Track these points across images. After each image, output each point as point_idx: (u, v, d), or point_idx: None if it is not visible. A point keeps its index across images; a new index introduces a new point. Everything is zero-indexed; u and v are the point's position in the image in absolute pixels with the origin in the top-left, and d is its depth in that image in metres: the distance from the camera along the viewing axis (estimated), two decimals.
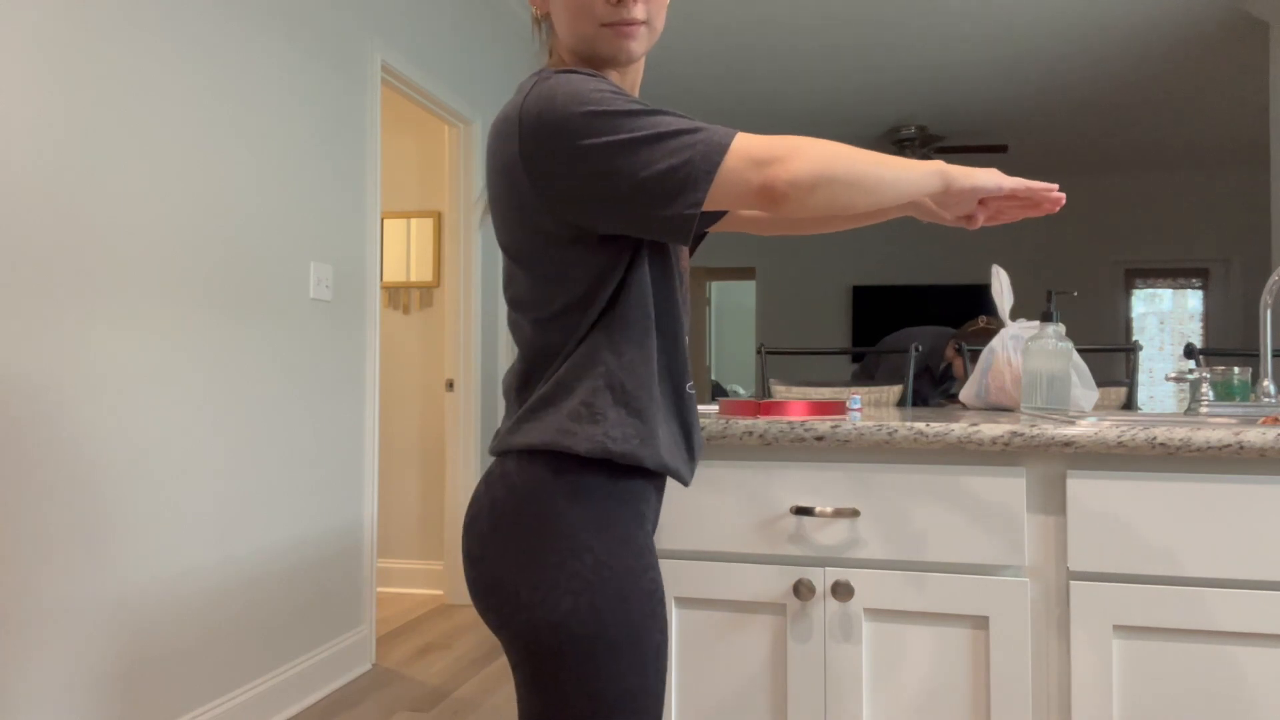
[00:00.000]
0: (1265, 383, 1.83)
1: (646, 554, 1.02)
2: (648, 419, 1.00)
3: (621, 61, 1.09)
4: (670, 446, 1.04)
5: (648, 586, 1.01)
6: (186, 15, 2.38)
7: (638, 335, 1.01)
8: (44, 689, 1.96)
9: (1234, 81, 5.55)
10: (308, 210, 2.89)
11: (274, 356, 2.73)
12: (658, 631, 1.01)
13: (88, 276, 2.08)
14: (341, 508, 3.09)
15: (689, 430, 1.07)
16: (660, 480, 1.07)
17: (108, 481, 2.13)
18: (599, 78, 1.01)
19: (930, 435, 1.30)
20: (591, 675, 0.97)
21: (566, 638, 0.96)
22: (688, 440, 1.07)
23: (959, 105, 6.09)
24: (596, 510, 0.99)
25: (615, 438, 0.98)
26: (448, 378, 4.13)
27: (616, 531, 1.00)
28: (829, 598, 1.34)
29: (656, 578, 1.03)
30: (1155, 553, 1.24)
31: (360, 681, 3.10)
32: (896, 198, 1.02)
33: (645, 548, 1.02)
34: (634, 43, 1.07)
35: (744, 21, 4.74)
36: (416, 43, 3.60)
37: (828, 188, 0.96)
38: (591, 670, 0.97)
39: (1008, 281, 1.92)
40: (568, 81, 0.98)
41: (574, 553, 0.98)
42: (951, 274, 8.17)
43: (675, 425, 1.06)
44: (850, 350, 3.39)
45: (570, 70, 1.01)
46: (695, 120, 1.00)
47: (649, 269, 1.04)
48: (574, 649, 0.96)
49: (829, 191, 0.96)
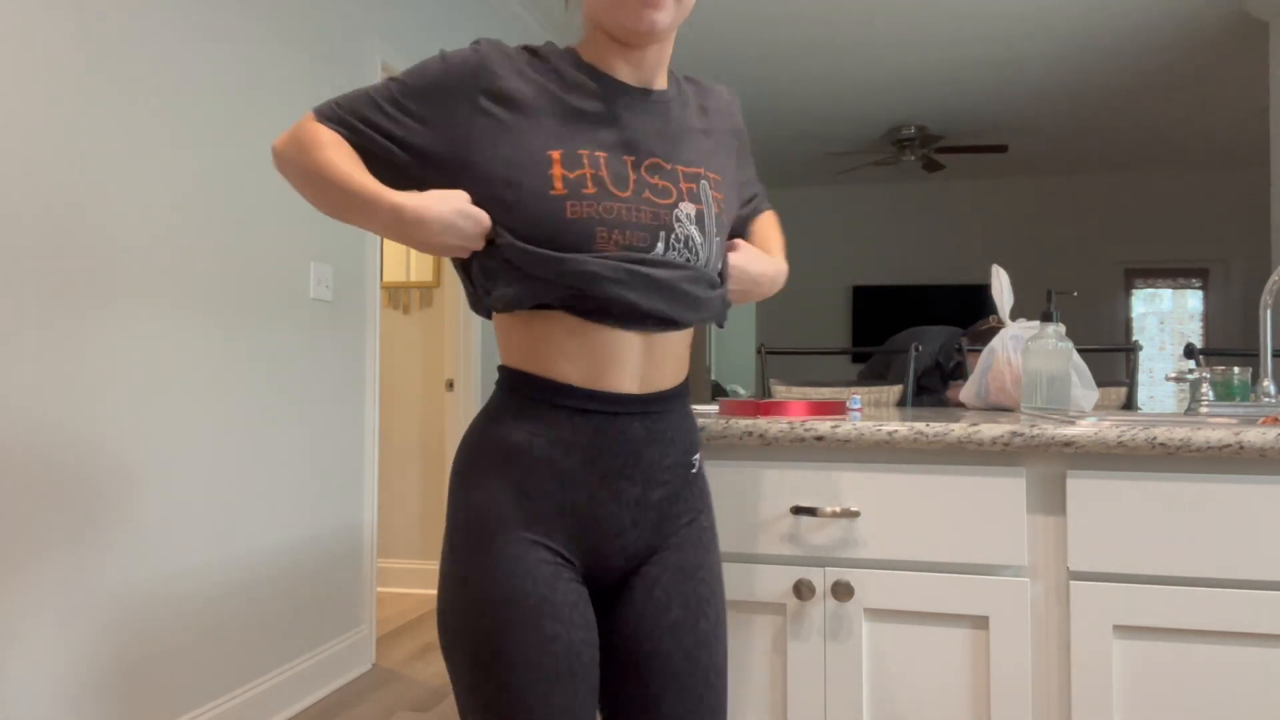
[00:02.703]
0: (1265, 383, 1.83)
1: None
2: None
3: (644, 33, 1.03)
4: None
5: None
6: (186, 15, 2.38)
7: None
8: (44, 689, 1.96)
9: (1234, 81, 5.55)
10: (308, 210, 2.89)
11: (274, 356, 2.72)
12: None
13: (87, 277, 2.08)
14: (341, 508, 3.09)
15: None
16: None
17: (107, 481, 2.12)
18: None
19: (930, 435, 1.30)
20: None
21: None
22: None
23: (959, 105, 6.09)
24: None
25: None
26: (448, 378, 4.13)
27: None
28: (829, 598, 1.34)
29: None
30: (1155, 553, 1.24)
31: (360, 681, 3.10)
32: (347, 212, 1.03)
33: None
34: (659, 13, 1.02)
35: (743, 21, 4.74)
36: (416, 42, 3.60)
37: (286, 169, 1.07)
38: None
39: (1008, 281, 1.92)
40: None
41: None
42: (951, 274, 8.17)
43: None
44: (850, 350, 3.39)
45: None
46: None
47: None
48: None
49: (287, 173, 1.07)
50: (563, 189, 1.00)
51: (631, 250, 1.01)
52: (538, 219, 0.99)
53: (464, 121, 1.03)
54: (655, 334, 1.05)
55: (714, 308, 1.09)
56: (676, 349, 1.10)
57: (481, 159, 1.02)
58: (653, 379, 1.07)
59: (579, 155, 1.02)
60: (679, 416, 1.11)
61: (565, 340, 1.02)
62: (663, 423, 1.08)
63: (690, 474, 1.12)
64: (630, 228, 1.01)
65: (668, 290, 1.02)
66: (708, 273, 1.07)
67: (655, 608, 1.07)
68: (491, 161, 1.02)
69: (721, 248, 1.11)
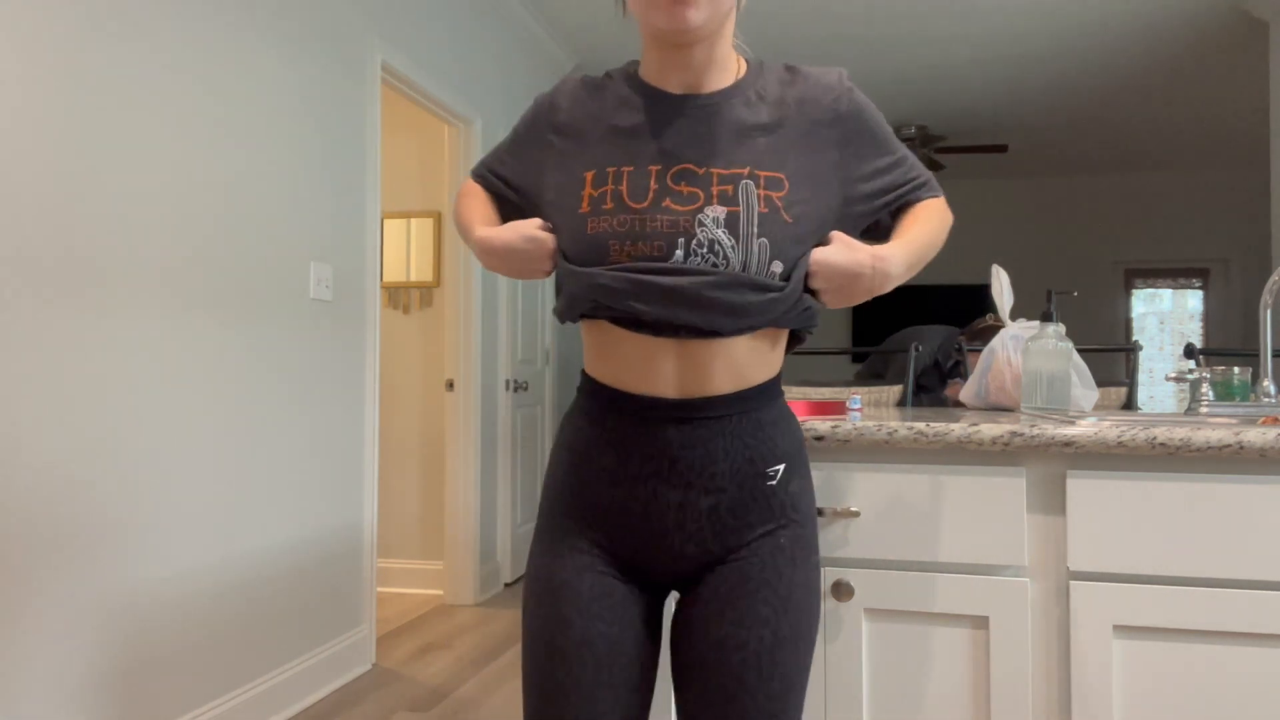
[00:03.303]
0: (1265, 383, 1.83)
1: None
2: None
3: (679, 32, 1.03)
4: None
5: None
6: (186, 15, 2.38)
7: None
8: (44, 689, 1.96)
9: (1234, 81, 5.55)
10: (308, 210, 2.89)
11: (274, 357, 2.72)
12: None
13: (87, 277, 2.08)
14: (341, 508, 3.09)
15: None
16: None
17: (107, 481, 2.12)
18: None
19: (930, 435, 1.30)
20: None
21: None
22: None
23: (959, 105, 6.09)
24: None
25: None
26: (448, 378, 4.13)
27: None
28: (829, 598, 1.34)
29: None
30: (1155, 553, 1.24)
31: (360, 681, 3.10)
32: (469, 245, 1.20)
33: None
34: (691, 10, 1.01)
35: (743, 21, 4.74)
36: (416, 43, 3.60)
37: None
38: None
39: (1008, 281, 1.92)
40: None
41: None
42: (951, 274, 8.17)
43: None
44: (850, 350, 3.39)
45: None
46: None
47: None
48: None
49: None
50: (587, 207, 1.07)
51: (645, 260, 1.03)
52: (571, 237, 1.08)
53: (538, 157, 1.17)
54: (691, 340, 1.05)
55: (769, 311, 1.04)
56: (726, 356, 1.05)
57: (544, 187, 1.14)
58: (692, 385, 1.05)
59: (607, 173, 1.08)
60: (741, 423, 1.06)
61: (608, 346, 1.09)
62: (708, 429, 1.05)
63: (766, 485, 1.07)
64: (645, 238, 1.03)
65: (685, 297, 1.02)
66: (746, 276, 1.02)
67: (702, 619, 1.06)
68: (548, 188, 1.13)
69: (771, 249, 1.03)
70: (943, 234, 1.17)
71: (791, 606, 1.06)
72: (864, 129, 1.13)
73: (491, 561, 4.33)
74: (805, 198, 1.06)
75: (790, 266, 1.04)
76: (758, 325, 1.05)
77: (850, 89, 1.13)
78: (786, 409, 1.13)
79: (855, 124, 1.12)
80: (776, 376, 1.12)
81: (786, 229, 1.04)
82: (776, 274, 1.04)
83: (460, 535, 4.12)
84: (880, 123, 1.15)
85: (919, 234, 1.13)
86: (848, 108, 1.12)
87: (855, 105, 1.12)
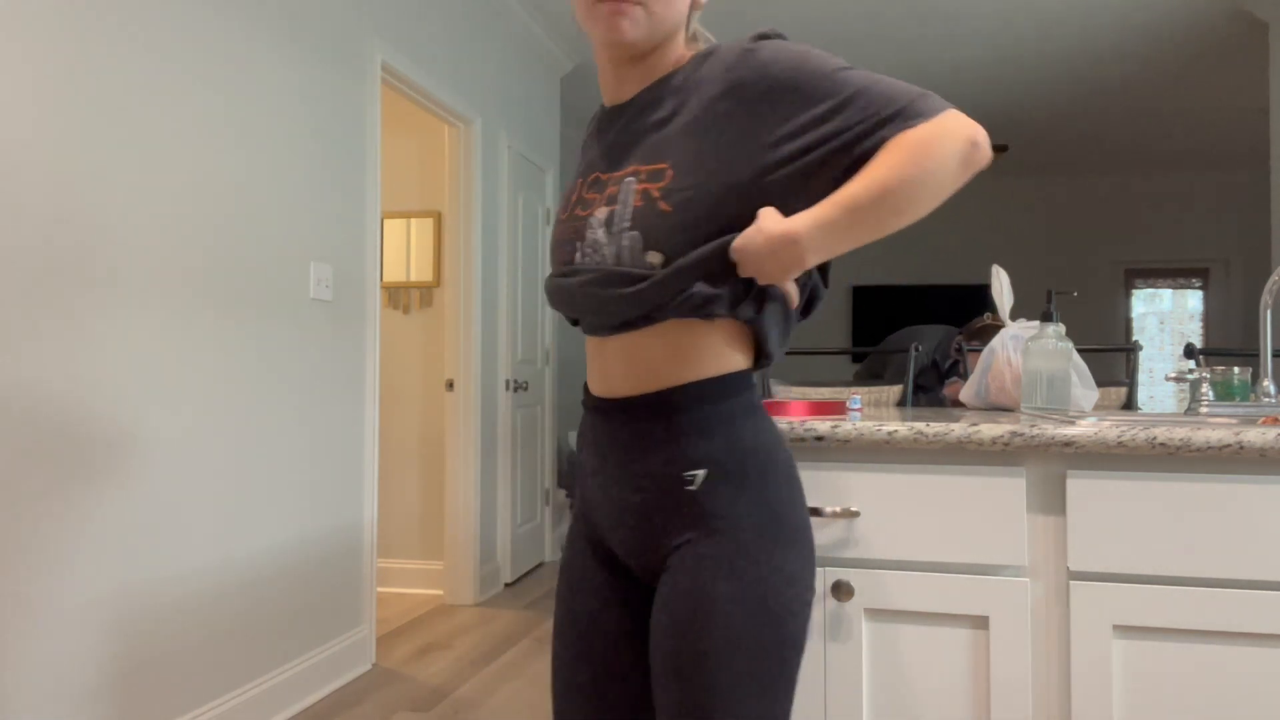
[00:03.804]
0: (1265, 383, 1.83)
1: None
2: None
3: (614, 44, 1.05)
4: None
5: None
6: (186, 15, 2.38)
7: None
8: (44, 689, 1.96)
9: (1234, 81, 5.55)
10: (308, 210, 2.90)
11: (274, 357, 2.72)
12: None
13: (86, 277, 2.08)
14: (341, 508, 3.09)
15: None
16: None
17: (107, 481, 2.12)
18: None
19: (930, 435, 1.30)
20: None
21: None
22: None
23: (959, 105, 6.09)
24: None
25: None
26: (448, 378, 4.13)
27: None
28: (829, 598, 1.34)
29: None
30: (1155, 553, 1.24)
31: (360, 681, 3.10)
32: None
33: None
34: (627, 22, 1.01)
35: (743, 22, 4.75)
36: (416, 43, 3.60)
37: None
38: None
39: (1008, 281, 1.92)
40: None
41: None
42: (951, 274, 8.17)
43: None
44: (850, 350, 3.39)
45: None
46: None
47: None
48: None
49: None
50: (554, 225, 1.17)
51: (559, 265, 1.12)
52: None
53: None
54: (608, 339, 1.09)
55: (641, 302, 1.01)
56: (638, 354, 1.05)
57: None
58: (612, 384, 1.09)
59: (568, 190, 1.17)
60: (663, 424, 1.04)
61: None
62: (633, 428, 1.05)
63: (682, 489, 1.03)
64: (560, 246, 1.12)
65: (575, 297, 1.08)
66: (616, 270, 1.02)
67: (654, 620, 1.05)
68: None
69: (645, 240, 1.01)
70: (912, 167, 0.95)
71: (718, 619, 0.98)
72: (775, 86, 0.99)
73: (491, 561, 4.33)
74: (690, 183, 1.01)
75: (673, 255, 1.00)
76: (632, 316, 1.03)
77: (749, 51, 1.02)
78: (734, 411, 1.04)
79: (762, 85, 1.00)
80: (719, 377, 1.05)
81: (663, 219, 1.00)
82: (655, 265, 1.00)
83: (460, 535, 4.12)
84: (804, 71, 0.99)
85: (853, 190, 0.97)
86: (747, 72, 1.00)
87: (756, 65, 1.00)
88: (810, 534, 1.07)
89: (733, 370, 1.06)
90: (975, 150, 0.98)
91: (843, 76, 1.00)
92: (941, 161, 0.96)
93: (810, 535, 1.07)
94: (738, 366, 1.06)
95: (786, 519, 1.03)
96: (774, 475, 1.04)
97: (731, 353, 1.06)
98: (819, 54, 1.01)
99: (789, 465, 1.07)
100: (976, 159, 0.99)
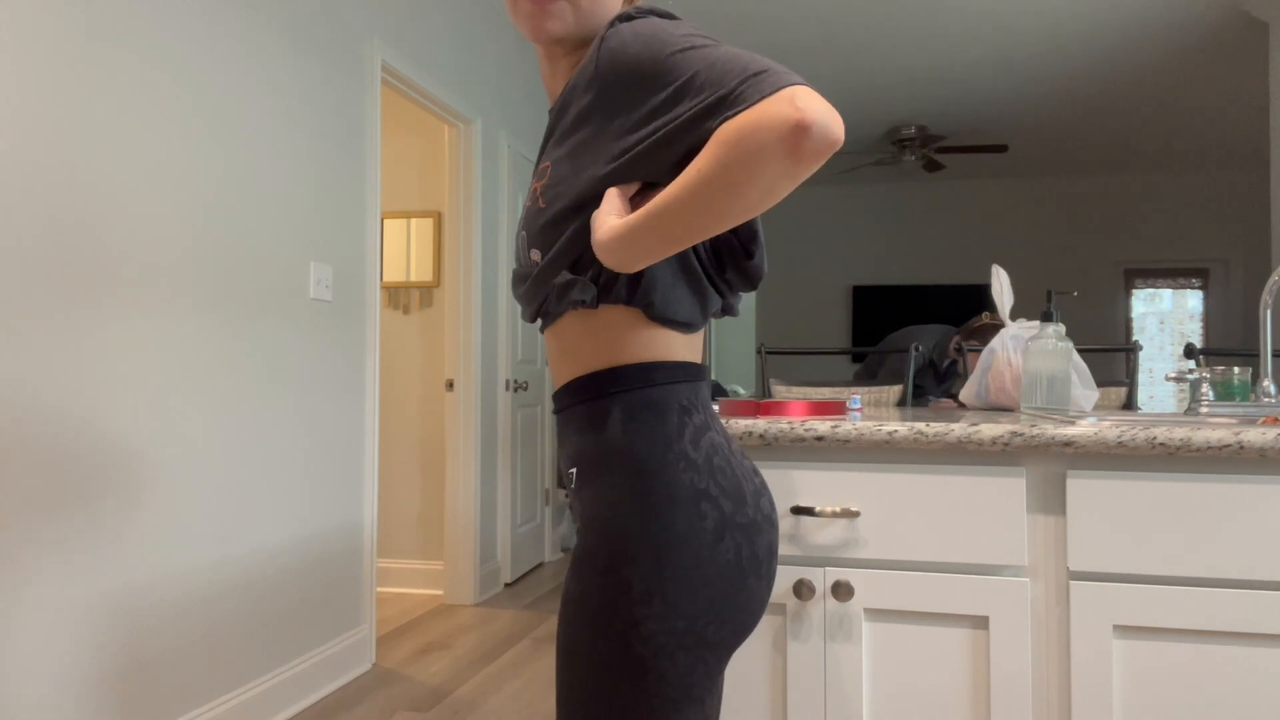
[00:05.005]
0: (1265, 383, 1.83)
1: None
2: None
3: (539, 42, 1.04)
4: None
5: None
6: (186, 14, 2.38)
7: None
8: (44, 688, 1.96)
9: (1234, 81, 5.55)
10: (308, 210, 2.90)
11: (274, 357, 2.72)
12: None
13: (86, 277, 2.08)
14: (341, 508, 3.09)
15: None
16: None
17: (107, 481, 2.12)
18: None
19: (930, 435, 1.30)
20: None
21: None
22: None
23: (959, 105, 6.09)
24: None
25: None
26: (448, 378, 4.13)
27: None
28: (829, 598, 1.34)
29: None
30: (1155, 553, 1.24)
31: (360, 681, 3.10)
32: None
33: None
34: (551, 21, 1.01)
35: (743, 22, 4.75)
36: (416, 43, 3.60)
37: None
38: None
39: (1008, 281, 1.92)
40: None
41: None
42: (951, 274, 8.17)
43: None
44: (850, 350, 3.39)
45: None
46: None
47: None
48: None
49: None
50: None
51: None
52: None
53: None
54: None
55: (532, 297, 1.03)
56: (560, 346, 1.04)
57: None
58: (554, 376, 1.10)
59: None
60: (569, 418, 1.03)
61: None
62: (560, 422, 1.07)
63: (571, 486, 1.03)
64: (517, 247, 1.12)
65: (513, 293, 1.09)
66: (516, 270, 1.06)
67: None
68: None
69: (529, 238, 1.02)
70: (716, 166, 0.84)
71: (563, 618, 0.97)
72: (621, 74, 0.93)
73: (491, 561, 4.33)
74: (561, 177, 0.98)
75: (547, 251, 0.99)
76: (528, 313, 1.07)
77: (603, 40, 0.95)
78: (612, 408, 0.98)
79: (612, 75, 0.94)
80: (598, 372, 0.99)
81: (540, 215, 0.99)
82: (537, 262, 1.01)
83: (460, 535, 4.12)
84: (645, 56, 0.92)
85: (668, 191, 0.88)
86: (602, 62, 0.95)
87: (607, 54, 0.94)
88: (708, 564, 0.93)
89: (625, 363, 0.98)
90: (800, 137, 0.81)
91: (678, 60, 0.90)
92: (754, 154, 0.82)
93: (707, 566, 0.93)
94: (635, 359, 0.98)
95: (652, 535, 0.92)
96: (649, 482, 0.94)
97: (628, 345, 0.99)
98: (665, 34, 0.92)
99: (676, 473, 0.95)
100: (806, 147, 0.81)
